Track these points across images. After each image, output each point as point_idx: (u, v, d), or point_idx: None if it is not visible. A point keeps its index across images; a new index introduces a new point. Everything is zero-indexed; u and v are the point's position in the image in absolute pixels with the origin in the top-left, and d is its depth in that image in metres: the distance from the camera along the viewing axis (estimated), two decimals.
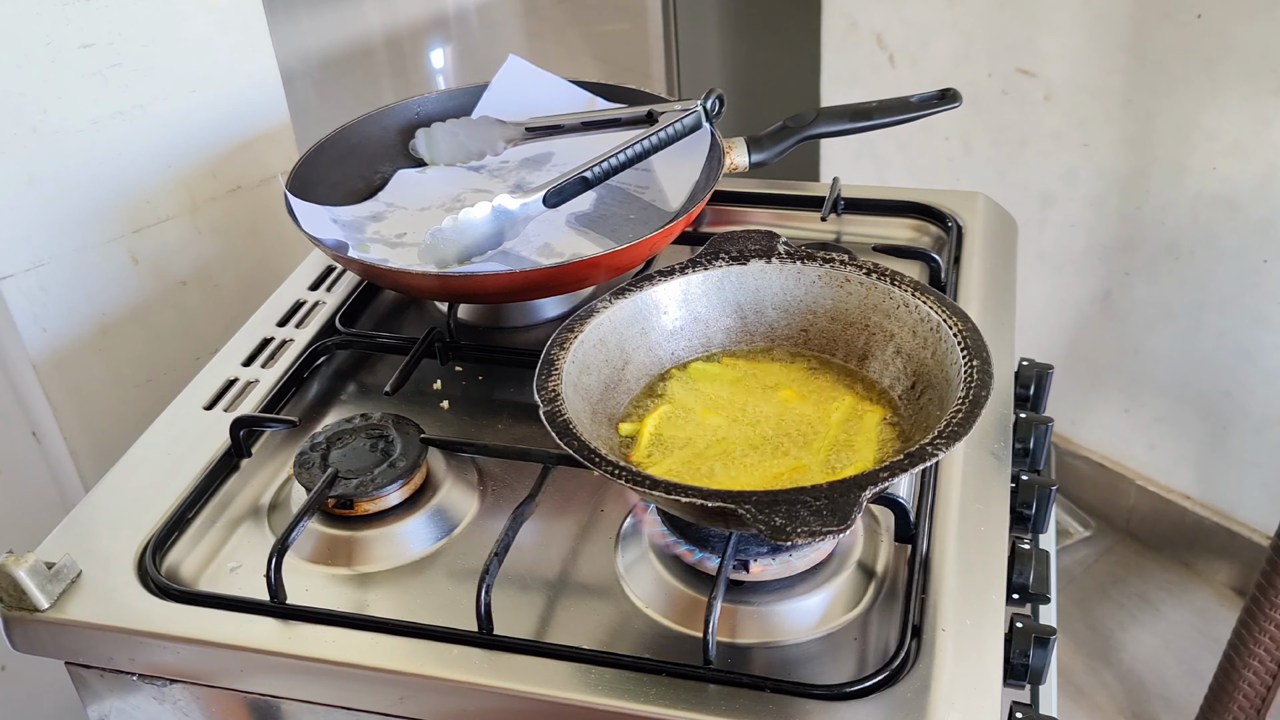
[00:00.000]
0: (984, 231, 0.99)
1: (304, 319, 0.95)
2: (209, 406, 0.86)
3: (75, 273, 1.03)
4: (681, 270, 0.79)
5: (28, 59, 0.95)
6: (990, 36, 1.62)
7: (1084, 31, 1.54)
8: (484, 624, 0.66)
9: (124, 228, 1.05)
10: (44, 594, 0.69)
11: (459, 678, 0.64)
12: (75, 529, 0.75)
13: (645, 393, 0.77)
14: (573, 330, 0.74)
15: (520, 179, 1.06)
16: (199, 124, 1.07)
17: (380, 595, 0.71)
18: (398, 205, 1.03)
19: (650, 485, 0.62)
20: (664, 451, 0.72)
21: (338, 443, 0.77)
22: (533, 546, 0.73)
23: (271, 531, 0.76)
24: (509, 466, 0.79)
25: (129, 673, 0.70)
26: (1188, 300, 1.62)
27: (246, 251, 1.14)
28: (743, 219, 1.06)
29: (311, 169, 0.99)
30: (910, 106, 1.01)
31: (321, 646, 0.66)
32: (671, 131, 0.96)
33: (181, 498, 0.76)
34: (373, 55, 1.54)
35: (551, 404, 0.68)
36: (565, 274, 0.86)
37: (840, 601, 0.68)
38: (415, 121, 1.08)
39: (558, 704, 0.62)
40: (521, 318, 0.96)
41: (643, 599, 0.69)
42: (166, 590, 0.70)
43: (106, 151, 1.02)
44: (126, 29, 1.00)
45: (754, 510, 0.58)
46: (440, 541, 0.74)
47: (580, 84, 1.09)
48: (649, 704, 0.61)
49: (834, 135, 1.03)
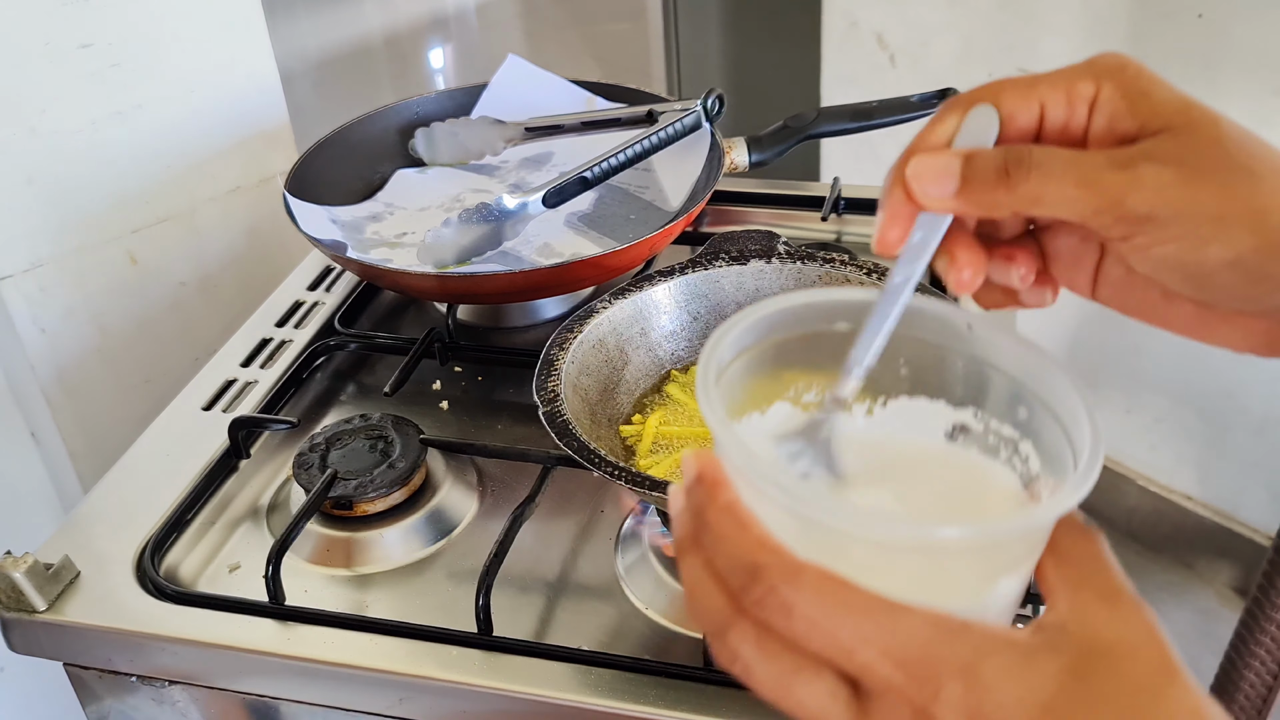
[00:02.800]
0: None
1: (303, 319, 0.95)
2: (208, 407, 0.86)
3: (74, 273, 1.03)
4: (681, 270, 0.79)
5: (26, 59, 0.95)
6: (990, 36, 1.62)
7: (1084, 32, 1.54)
8: (483, 625, 0.65)
9: (123, 228, 1.05)
10: (42, 595, 0.68)
11: (458, 679, 0.63)
12: (74, 530, 0.75)
13: (645, 393, 0.77)
14: (572, 330, 0.74)
15: (520, 179, 1.05)
16: (198, 124, 1.07)
17: (379, 596, 0.71)
18: (397, 205, 1.03)
19: (650, 486, 0.62)
20: (664, 452, 0.72)
21: (337, 443, 0.77)
22: (532, 547, 0.73)
23: (270, 532, 0.76)
24: (508, 467, 0.79)
25: (128, 674, 0.70)
26: None
27: (245, 252, 1.14)
28: (743, 219, 1.06)
29: (310, 169, 0.99)
30: (910, 106, 1.01)
31: (320, 648, 0.66)
32: (671, 131, 0.95)
33: (180, 499, 0.76)
34: (372, 55, 1.54)
35: (551, 404, 0.68)
36: (565, 274, 0.86)
37: None
38: (415, 121, 1.08)
39: (557, 705, 0.62)
40: (521, 318, 0.95)
41: (642, 600, 0.69)
42: (165, 591, 0.70)
43: (105, 151, 1.02)
44: (125, 29, 1.00)
45: None
46: (439, 542, 0.74)
47: (580, 84, 1.09)
48: (649, 705, 0.61)
49: (834, 135, 1.02)
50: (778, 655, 0.35)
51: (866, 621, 0.33)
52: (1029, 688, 0.33)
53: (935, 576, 0.36)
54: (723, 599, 0.36)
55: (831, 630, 0.34)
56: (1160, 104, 0.40)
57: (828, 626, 0.34)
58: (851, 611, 0.34)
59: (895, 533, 0.36)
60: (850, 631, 0.33)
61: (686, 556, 0.37)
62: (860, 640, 0.33)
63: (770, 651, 0.35)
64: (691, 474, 0.37)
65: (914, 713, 0.33)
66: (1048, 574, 0.37)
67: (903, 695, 0.33)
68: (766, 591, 0.34)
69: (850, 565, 0.34)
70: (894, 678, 0.33)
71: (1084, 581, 0.36)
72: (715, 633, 0.36)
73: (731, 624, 0.35)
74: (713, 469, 0.37)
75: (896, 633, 0.33)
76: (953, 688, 0.33)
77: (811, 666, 0.35)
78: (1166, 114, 0.40)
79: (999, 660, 0.33)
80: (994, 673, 0.33)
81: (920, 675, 0.33)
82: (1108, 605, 0.36)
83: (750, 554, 0.35)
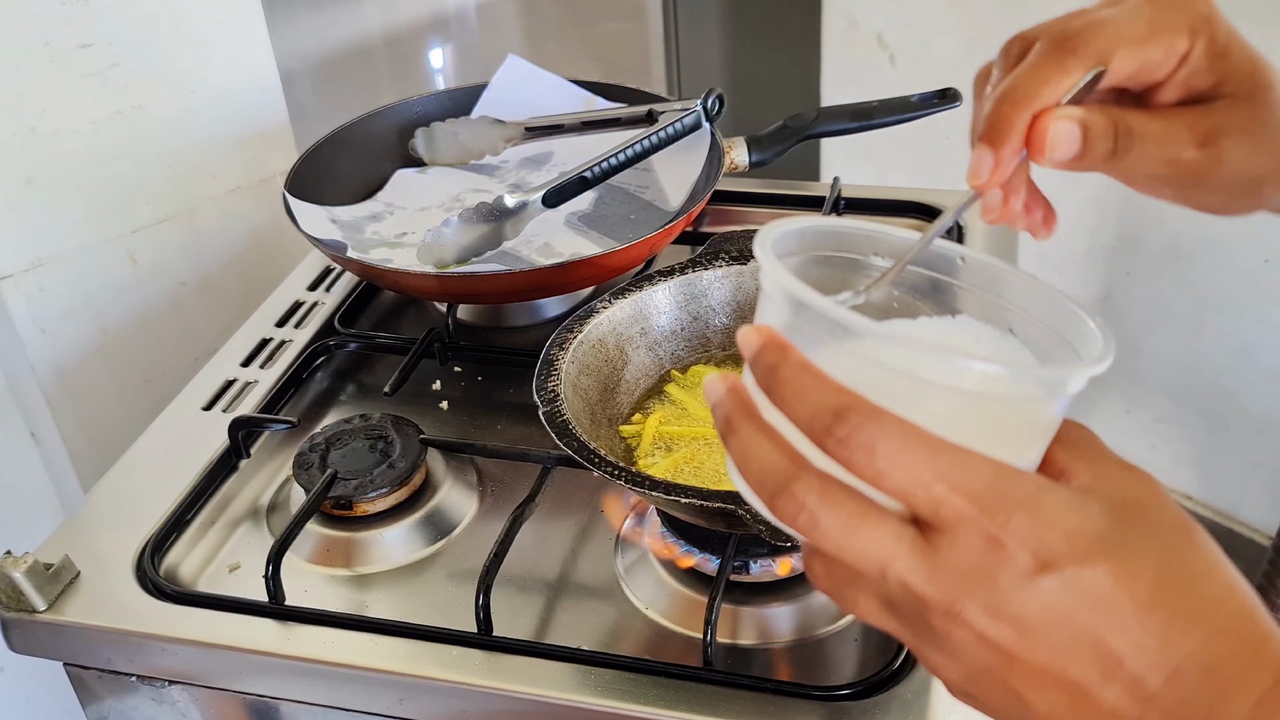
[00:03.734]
0: (984, 232, 0.99)
1: (303, 319, 0.95)
2: (208, 407, 0.85)
3: (74, 273, 1.03)
4: (681, 270, 0.79)
5: (27, 59, 0.95)
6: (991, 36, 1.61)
7: None
8: (483, 625, 0.65)
9: (123, 228, 1.05)
10: (41, 595, 0.68)
11: (458, 679, 0.63)
12: (73, 530, 0.75)
13: (645, 393, 0.77)
14: (572, 330, 0.74)
15: (520, 179, 1.05)
16: (198, 124, 1.07)
17: (379, 596, 0.71)
18: (397, 205, 1.03)
19: (650, 486, 0.61)
20: (664, 452, 0.72)
21: (337, 443, 0.77)
22: (532, 547, 0.73)
23: (270, 532, 0.76)
24: (508, 467, 0.79)
25: (128, 674, 0.70)
26: (1188, 300, 1.62)
27: (245, 252, 1.14)
28: (743, 219, 1.06)
29: (310, 169, 0.99)
30: (911, 106, 1.01)
31: (320, 648, 0.66)
32: (671, 131, 0.95)
33: (180, 498, 0.76)
34: (372, 55, 1.54)
35: (551, 404, 0.68)
36: (565, 274, 0.86)
37: None
38: (414, 121, 1.08)
39: (557, 705, 0.62)
40: (521, 318, 0.95)
41: (642, 600, 0.69)
42: (165, 591, 0.70)
43: (105, 151, 1.02)
44: (125, 29, 0.99)
45: (754, 511, 0.58)
46: (439, 542, 0.74)
47: (580, 84, 1.09)
48: (649, 705, 0.61)
49: (834, 135, 1.02)
50: (843, 501, 0.37)
51: (941, 458, 0.36)
52: (1086, 518, 0.37)
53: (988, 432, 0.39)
54: (783, 457, 0.38)
55: (911, 465, 0.36)
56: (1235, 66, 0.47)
57: (907, 461, 0.36)
58: (929, 450, 0.36)
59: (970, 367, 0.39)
60: (928, 467, 0.36)
61: (738, 429, 0.39)
62: (936, 475, 0.36)
63: (836, 498, 0.37)
64: (755, 343, 0.39)
65: (986, 541, 0.36)
66: (1059, 457, 0.40)
67: (976, 525, 0.36)
68: (853, 429, 0.36)
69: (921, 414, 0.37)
70: (967, 510, 0.36)
71: (1099, 457, 0.40)
72: (778, 488, 0.38)
73: (796, 475, 0.37)
74: (777, 335, 0.39)
75: (968, 470, 0.36)
76: (1020, 518, 0.36)
77: (877, 511, 0.37)
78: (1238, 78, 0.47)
79: (1057, 496, 0.37)
80: (1055, 506, 0.37)
81: (991, 506, 0.36)
82: (1127, 472, 0.40)
83: (834, 398, 0.37)
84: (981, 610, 0.36)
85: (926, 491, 0.36)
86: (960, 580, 0.36)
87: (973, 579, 0.36)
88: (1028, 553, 0.36)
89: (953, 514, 0.36)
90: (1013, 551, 0.36)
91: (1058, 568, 0.36)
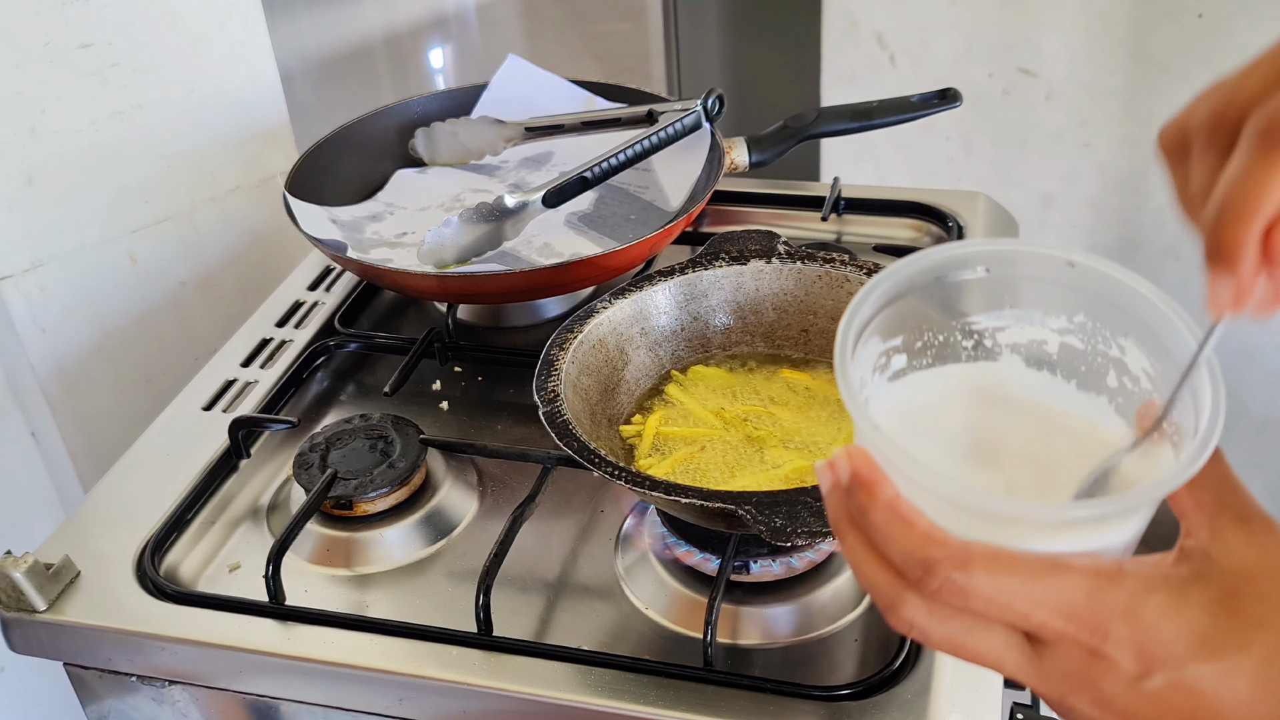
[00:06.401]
0: (985, 232, 0.99)
1: (303, 319, 0.95)
2: (208, 407, 0.85)
3: (74, 273, 1.03)
4: (681, 270, 0.79)
5: (27, 59, 0.95)
6: (991, 36, 1.62)
7: (1085, 31, 1.54)
8: (483, 625, 0.65)
9: (123, 228, 1.05)
10: (42, 595, 0.68)
11: (458, 679, 0.63)
12: (74, 530, 0.75)
13: (645, 394, 0.77)
14: (572, 331, 0.74)
15: (520, 179, 1.05)
16: (198, 124, 1.07)
17: (379, 596, 0.71)
18: (397, 205, 1.03)
19: (650, 486, 0.62)
20: (664, 452, 0.72)
21: (337, 443, 0.77)
22: (532, 547, 0.73)
23: (270, 532, 0.76)
24: (508, 467, 0.79)
25: (128, 674, 0.70)
26: (1189, 301, 1.62)
27: (245, 252, 1.14)
28: (743, 219, 1.06)
29: (310, 169, 0.99)
30: (911, 106, 1.01)
31: (320, 647, 0.66)
32: (671, 131, 0.95)
33: (180, 498, 0.76)
34: (372, 55, 1.54)
35: (551, 405, 0.68)
36: (565, 274, 0.86)
37: (841, 603, 0.68)
38: (415, 121, 1.08)
39: (557, 705, 0.62)
40: (521, 318, 0.95)
41: (643, 600, 0.69)
42: (165, 591, 0.70)
43: (105, 151, 1.02)
44: (125, 29, 0.99)
45: (754, 511, 0.58)
46: (439, 542, 0.74)
47: (580, 84, 1.09)
48: (649, 705, 0.61)
49: (834, 135, 1.02)
50: (951, 618, 0.38)
51: (1035, 586, 0.37)
52: (1185, 620, 0.37)
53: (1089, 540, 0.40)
54: (890, 577, 0.39)
55: (1006, 604, 0.37)
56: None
57: (1002, 601, 0.37)
58: (1020, 580, 0.37)
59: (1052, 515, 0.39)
60: (1022, 599, 0.37)
61: (848, 537, 0.41)
62: (1032, 605, 0.37)
63: (944, 616, 0.38)
64: (847, 473, 0.40)
65: (1087, 654, 0.37)
66: (1181, 497, 0.40)
67: (1076, 642, 0.37)
68: (943, 583, 0.37)
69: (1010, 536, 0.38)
70: (1067, 629, 0.37)
71: (1220, 506, 0.40)
72: (886, 607, 0.39)
73: (902, 599, 0.39)
74: (869, 468, 0.40)
75: (1064, 590, 0.37)
76: (1119, 629, 0.37)
77: (984, 624, 0.38)
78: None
79: (1156, 599, 0.37)
80: (1153, 611, 0.37)
81: (1090, 623, 0.37)
82: (1245, 529, 0.39)
83: (921, 550, 0.38)
84: (1090, 703, 0.38)
85: (1025, 622, 0.38)
86: (1067, 683, 0.38)
87: (1078, 682, 0.38)
88: (1130, 660, 0.37)
89: (1054, 635, 0.38)
90: (1116, 660, 0.37)
91: (1159, 672, 0.37)
